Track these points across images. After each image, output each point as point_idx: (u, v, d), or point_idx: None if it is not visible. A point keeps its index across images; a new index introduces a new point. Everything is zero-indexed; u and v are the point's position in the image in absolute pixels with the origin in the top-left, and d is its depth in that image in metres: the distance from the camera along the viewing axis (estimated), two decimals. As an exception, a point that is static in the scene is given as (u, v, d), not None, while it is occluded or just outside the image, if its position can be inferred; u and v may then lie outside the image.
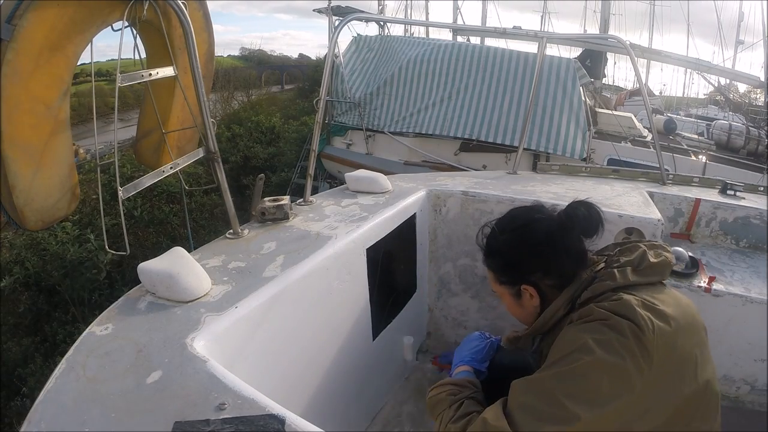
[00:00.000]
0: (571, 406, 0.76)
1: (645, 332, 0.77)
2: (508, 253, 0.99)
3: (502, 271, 1.02)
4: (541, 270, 0.95)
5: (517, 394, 0.82)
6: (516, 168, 2.26)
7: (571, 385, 0.77)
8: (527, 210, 1.03)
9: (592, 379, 0.77)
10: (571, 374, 0.78)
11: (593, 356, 0.77)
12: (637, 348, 0.77)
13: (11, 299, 5.20)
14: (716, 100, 16.00)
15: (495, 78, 5.83)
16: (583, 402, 0.76)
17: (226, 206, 1.36)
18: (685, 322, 0.83)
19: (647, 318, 0.79)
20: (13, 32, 0.92)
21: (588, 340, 0.79)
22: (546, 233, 0.95)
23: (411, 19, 14.02)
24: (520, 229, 0.98)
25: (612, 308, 0.81)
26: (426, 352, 2.01)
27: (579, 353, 0.78)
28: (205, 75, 1.24)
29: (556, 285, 0.95)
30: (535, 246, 0.95)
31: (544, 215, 0.99)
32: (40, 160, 1.04)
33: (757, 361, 1.57)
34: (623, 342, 0.77)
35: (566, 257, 0.94)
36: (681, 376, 0.80)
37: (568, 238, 0.94)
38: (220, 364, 0.83)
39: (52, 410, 0.74)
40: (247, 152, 10.80)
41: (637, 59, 2.47)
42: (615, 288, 0.86)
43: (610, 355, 0.76)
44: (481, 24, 14.81)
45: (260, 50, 43.23)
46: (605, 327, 0.79)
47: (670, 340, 0.79)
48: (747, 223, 1.89)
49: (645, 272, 0.89)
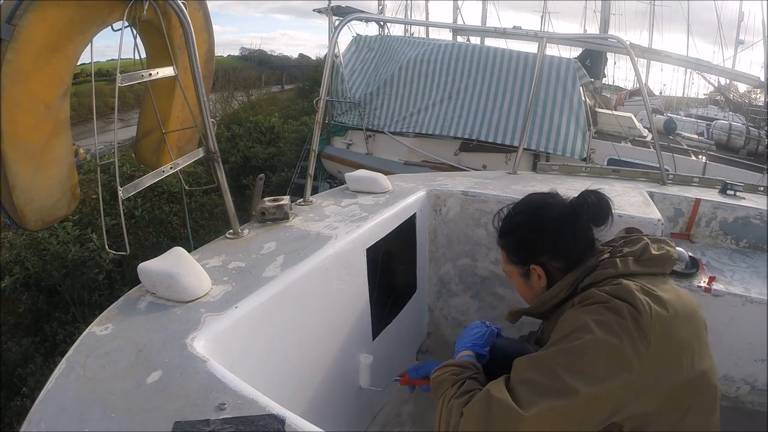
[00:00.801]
0: (571, 381, 0.78)
1: (643, 315, 0.80)
2: (520, 233, 1.05)
3: (514, 250, 1.07)
4: (549, 251, 1.01)
5: (520, 370, 0.85)
6: (516, 168, 2.26)
7: (571, 361, 0.80)
8: (542, 195, 1.08)
9: (591, 357, 0.79)
10: (571, 351, 0.81)
11: (593, 335, 0.80)
12: (635, 330, 0.79)
13: (11, 299, 5.20)
14: (716, 100, 16.02)
15: (495, 78, 5.84)
16: (581, 378, 0.78)
17: (226, 206, 1.36)
18: (684, 312, 0.86)
19: (645, 302, 0.82)
20: (13, 32, 0.92)
21: (588, 320, 0.82)
22: (557, 217, 1.00)
23: (411, 19, 14.04)
24: (533, 211, 1.05)
25: (612, 292, 0.85)
26: (426, 352, 2.01)
27: (579, 332, 0.82)
28: (205, 75, 1.24)
29: (563, 268, 0.99)
30: (546, 228, 1.00)
31: (557, 201, 1.04)
32: (40, 160, 1.04)
33: (757, 361, 1.57)
34: (622, 323, 0.80)
35: (574, 242, 0.99)
36: (678, 362, 0.82)
37: (577, 224, 0.99)
38: (220, 364, 0.83)
39: (52, 410, 0.74)
40: (246, 152, 10.80)
41: (637, 59, 2.47)
42: (616, 275, 0.90)
43: (609, 335, 0.79)
44: (481, 24, 14.83)
45: (260, 50, 43.37)
46: (605, 309, 0.83)
47: (667, 325, 0.82)
48: (747, 223, 1.89)
49: (646, 263, 0.92)
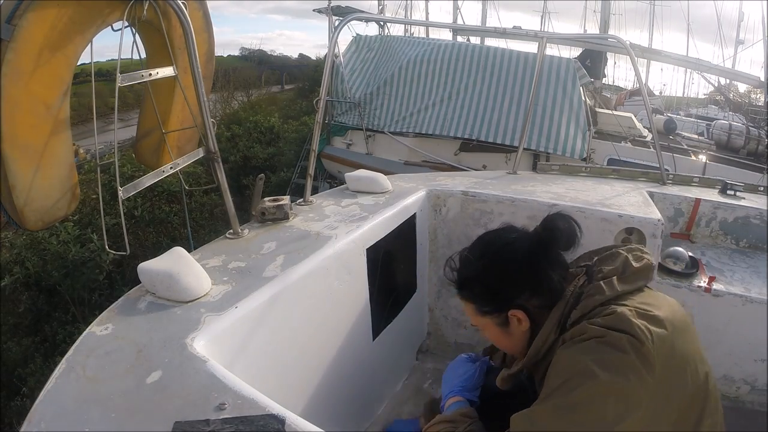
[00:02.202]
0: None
1: (645, 343, 0.75)
2: (489, 280, 0.93)
3: (484, 300, 0.95)
4: (528, 290, 0.90)
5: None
6: (516, 168, 2.25)
7: (575, 417, 0.74)
8: (500, 232, 0.99)
9: (599, 405, 0.73)
10: (575, 403, 0.74)
11: (596, 380, 0.73)
12: (639, 361, 0.74)
13: (11, 299, 5.19)
14: (716, 100, 16.01)
15: (495, 78, 5.84)
16: (591, 430, 0.72)
17: (226, 206, 1.36)
18: (679, 322, 0.82)
19: (644, 327, 0.76)
20: (13, 32, 0.92)
21: (587, 362, 0.75)
22: (528, 250, 0.91)
23: (411, 19, 14.03)
24: (498, 251, 0.94)
25: (607, 323, 0.78)
26: (426, 352, 2.01)
27: (580, 378, 0.75)
28: (205, 75, 1.24)
29: (545, 304, 0.90)
30: (519, 265, 0.90)
31: (519, 234, 0.95)
32: (40, 160, 1.04)
33: (757, 361, 1.57)
34: (624, 359, 0.74)
35: (552, 272, 0.90)
36: (683, 377, 0.79)
37: (551, 253, 0.91)
38: (220, 364, 0.83)
39: (52, 410, 0.74)
40: (246, 152, 10.80)
41: (637, 59, 2.47)
42: (605, 302, 0.83)
43: (614, 376, 0.73)
44: (481, 24, 14.83)
45: (260, 50, 43.40)
46: (603, 345, 0.76)
47: (669, 344, 0.78)
48: (747, 223, 1.89)
49: (630, 279, 0.87)
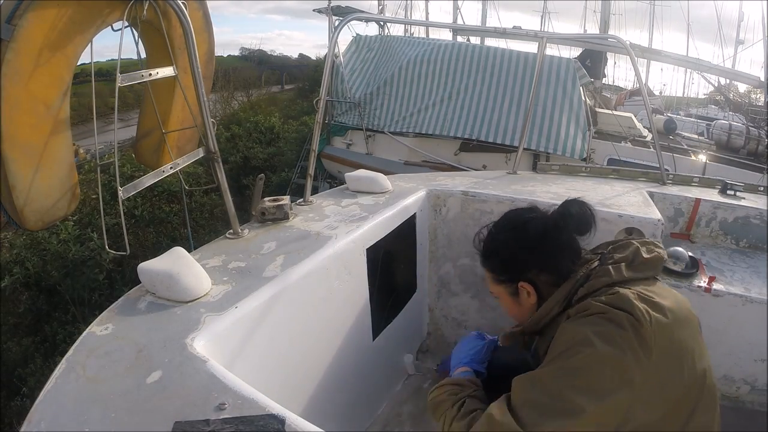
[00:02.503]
0: (576, 399, 0.76)
1: (643, 324, 0.78)
2: (505, 252, 1.02)
3: (500, 270, 1.04)
4: (537, 266, 0.98)
5: (521, 391, 0.83)
6: (516, 168, 2.26)
7: (574, 379, 0.78)
8: (522, 210, 1.07)
9: (595, 372, 0.77)
10: (574, 367, 0.79)
11: (594, 348, 0.78)
12: (636, 340, 0.77)
13: (11, 299, 5.19)
14: (716, 100, 16.00)
15: (495, 78, 5.83)
16: (586, 395, 0.76)
17: (226, 206, 1.36)
18: (681, 314, 0.85)
19: (645, 310, 0.80)
20: (13, 32, 0.92)
21: (588, 332, 0.80)
22: (541, 230, 0.98)
23: (411, 19, 14.02)
24: (516, 228, 1.02)
25: (610, 301, 0.83)
26: (426, 352, 2.01)
27: (580, 346, 0.79)
28: (205, 75, 1.24)
29: (552, 282, 0.97)
30: (532, 243, 0.98)
31: (538, 215, 1.03)
32: (40, 160, 1.04)
33: (757, 361, 1.57)
34: (622, 334, 0.78)
35: (561, 253, 0.97)
36: (680, 367, 0.81)
37: (562, 235, 0.98)
38: (220, 364, 0.83)
39: (52, 410, 0.74)
40: (246, 152, 10.79)
41: (637, 59, 2.47)
42: (611, 283, 0.88)
43: (611, 347, 0.77)
44: (481, 24, 14.83)
45: (260, 50, 43.36)
46: (604, 319, 0.81)
47: (668, 331, 0.81)
48: (747, 223, 1.89)
49: (639, 268, 0.91)
